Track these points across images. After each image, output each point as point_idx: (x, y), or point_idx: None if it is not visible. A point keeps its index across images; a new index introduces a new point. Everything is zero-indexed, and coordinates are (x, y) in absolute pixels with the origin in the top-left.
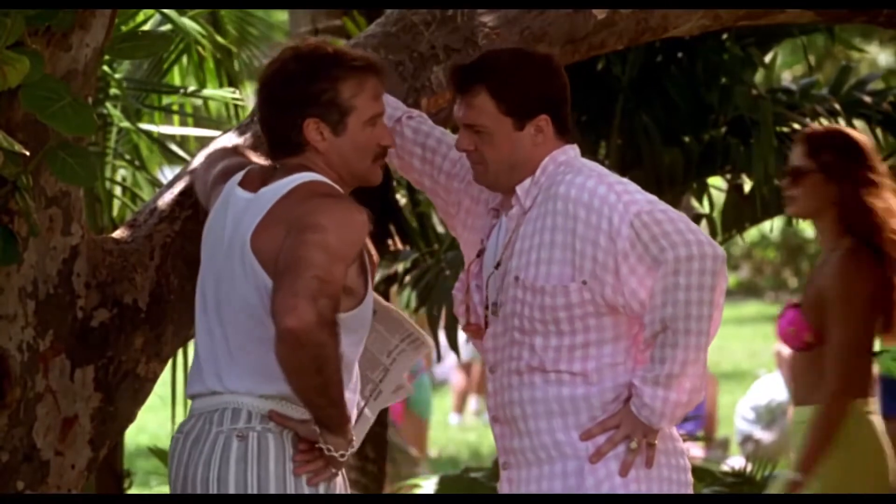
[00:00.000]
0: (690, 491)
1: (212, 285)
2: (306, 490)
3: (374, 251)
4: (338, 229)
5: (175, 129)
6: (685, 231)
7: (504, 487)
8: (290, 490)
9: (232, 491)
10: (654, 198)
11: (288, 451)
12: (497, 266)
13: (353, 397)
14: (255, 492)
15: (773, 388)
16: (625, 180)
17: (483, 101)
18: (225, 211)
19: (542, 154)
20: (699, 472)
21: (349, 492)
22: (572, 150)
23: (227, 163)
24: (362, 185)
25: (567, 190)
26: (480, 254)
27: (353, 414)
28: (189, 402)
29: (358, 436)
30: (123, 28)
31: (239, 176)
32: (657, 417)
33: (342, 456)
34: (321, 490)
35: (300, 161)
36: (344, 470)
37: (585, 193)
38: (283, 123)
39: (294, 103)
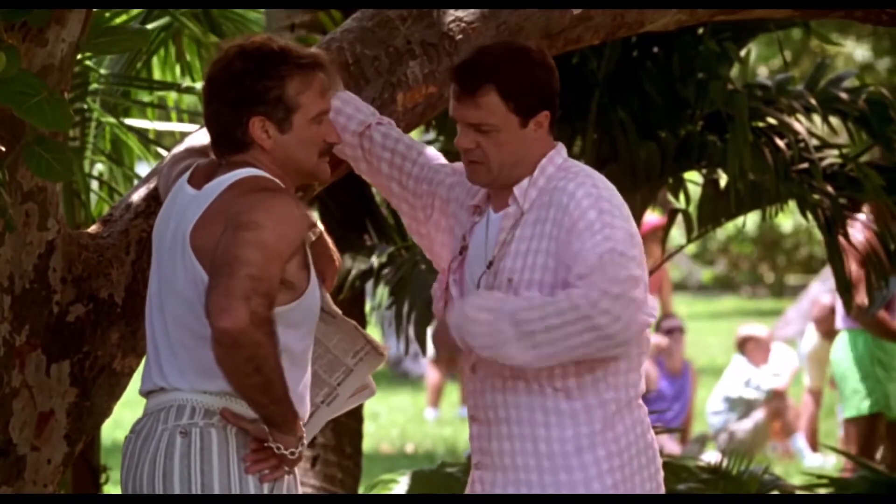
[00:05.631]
0: (662, 482)
1: (156, 281)
2: (251, 485)
3: (336, 253)
4: (275, 226)
5: (153, 124)
6: (620, 295)
7: (476, 488)
8: (235, 484)
9: (177, 487)
10: (633, 230)
11: (232, 446)
12: (489, 266)
13: (306, 393)
14: (199, 487)
15: (743, 376)
16: (617, 202)
17: (492, 101)
18: (172, 207)
19: (538, 150)
20: (674, 468)
21: (299, 491)
22: (564, 150)
23: (189, 162)
24: (309, 181)
25: (568, 202)
26: (462, 251)
27: (307, 410)
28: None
29: (308, 435)
30: (116, 21)
31: (188, 173)
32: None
33: (293, 454)
34: (265, 490)
35: (244, 158)
36: (297, 469)
37: (577, 212)
38: (228, 121)
39: (240, 101)
